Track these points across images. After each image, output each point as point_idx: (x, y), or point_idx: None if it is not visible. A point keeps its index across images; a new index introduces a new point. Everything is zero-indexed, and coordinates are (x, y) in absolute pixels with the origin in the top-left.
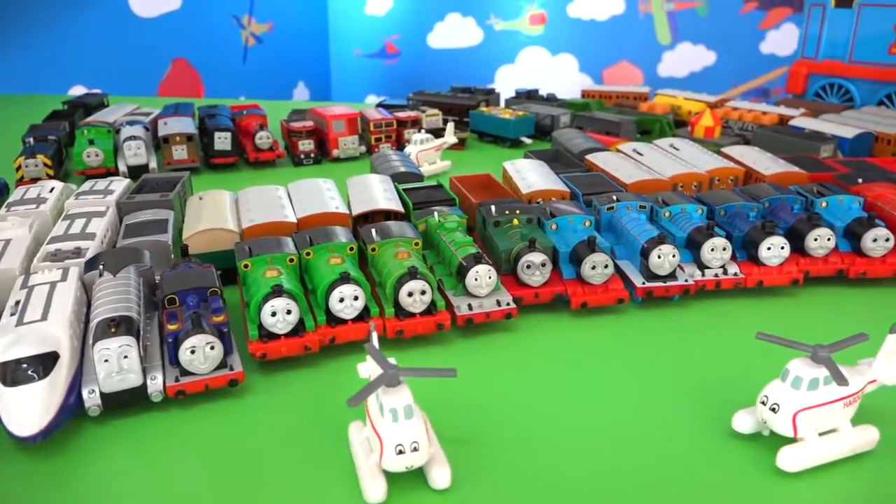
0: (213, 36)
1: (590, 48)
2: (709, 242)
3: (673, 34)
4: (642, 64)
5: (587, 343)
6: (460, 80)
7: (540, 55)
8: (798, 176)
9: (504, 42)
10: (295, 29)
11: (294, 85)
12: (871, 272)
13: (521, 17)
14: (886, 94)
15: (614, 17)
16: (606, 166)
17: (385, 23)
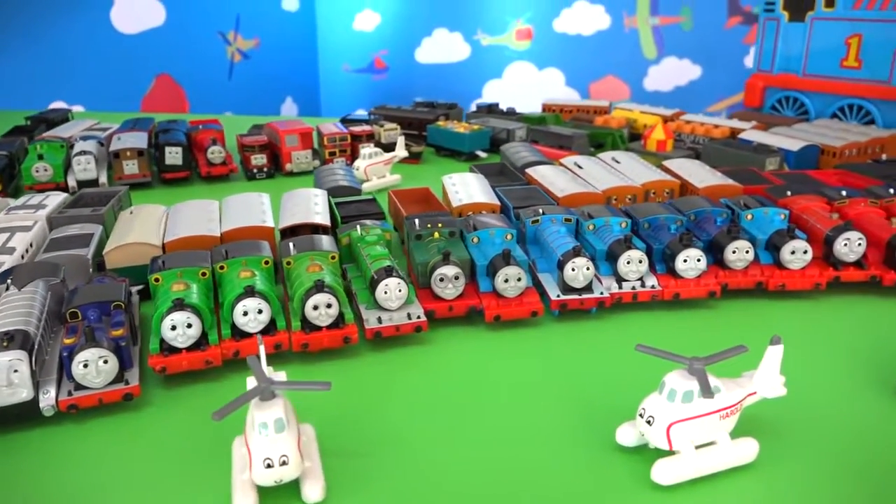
0: (197, 52)
1: (576, 63)
2: (625, 255)
3: (658, 49)
4: (628, 78)
5: (498, 356)
6: (448, 95)
7: (527, 70)
8: (731, 188)
9: (491, 57)
10: (282, 45)
11: (282, 100)
12: (790, 284)
13: (507, 33)
14: (839, 106)
15: (600, 32)
16: (544, 180)
17: (373, 38)
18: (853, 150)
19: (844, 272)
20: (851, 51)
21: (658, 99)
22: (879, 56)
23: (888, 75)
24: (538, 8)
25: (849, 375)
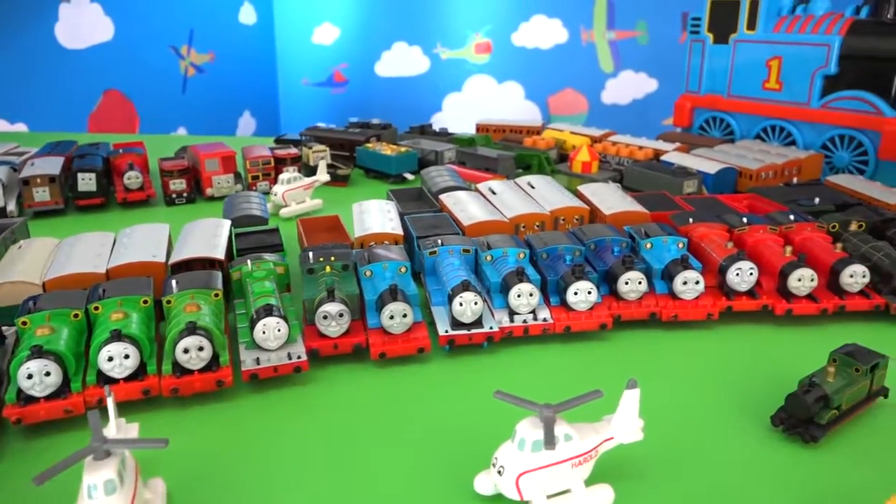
0: (148, 67)
1: (535, 76)
2: (515, 288)
3: (615, 62)
4: (587, 91)
5: (381, 397)
6: (408, 109)
7: (486, 83)
8: (639, 215)
9: (451, 71)
10: (239, 58)
11: (240, 114)
12: (682, 315)
13: (466, 46)
14: (763, 127)
15: (558, 46)
16: (454, 207)
17: (332, 52)
18: (770, 172)
19: (737, 302)
20: (772, 73)
21: (616, 112)
22: (798, 78)
23: (807, 97)
24: (497, 22)
25: (728, 409)
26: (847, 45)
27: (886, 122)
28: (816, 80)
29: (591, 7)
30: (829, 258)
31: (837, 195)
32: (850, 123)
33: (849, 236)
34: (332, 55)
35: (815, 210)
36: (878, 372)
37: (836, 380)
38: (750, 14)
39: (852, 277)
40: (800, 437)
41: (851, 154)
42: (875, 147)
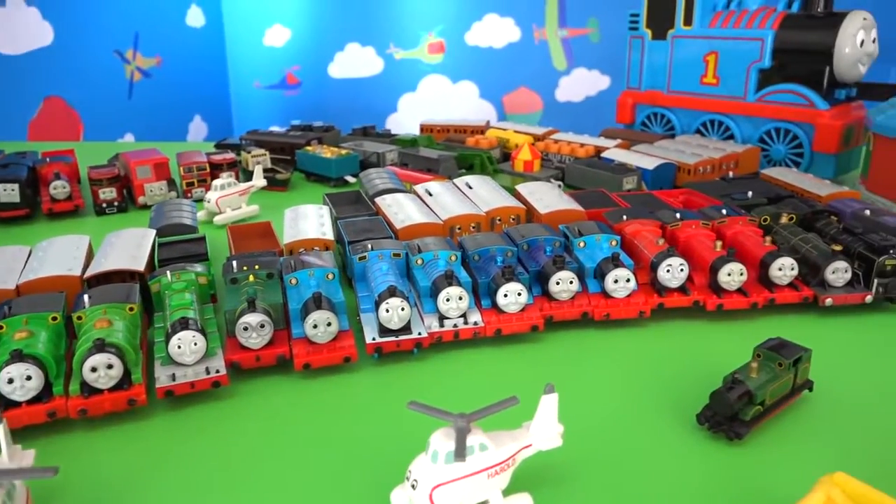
0: (91, 72)
1: (489, 75)
2: (444, 292)
3: (568, 60)
4: (540, 89)
5: (305, 409)
6: (363, 109)
7: (441, 83)
8: (574, 213)
9: (405, 71)
10: (188, 62)
11: (190, 119)
12: (615, 314)
13: (420, 46)
14: (702, 122)
15: (511, 45)
16: (389, 210)
17: (284, 53)
18: (707, 166)
19: (668, 298)
20: (709, 68)
21: (570, 109)
22: (734, 73)
23: (743, 91)
24: (449, 21)
25: (657, 408)
26: (780, 39)
27: (819, 115)
28: (752, 74)
29: (543, 5)
30: (760, 251)
31: (771, 188)
32: (785, 116)
33: (779, 229)
34: (283, 57)
35: (748, 204)
36: (801, 365)
37: (759, 375)
38: (686, 10)
39: (781, 270)
40: (724, 435)
41: (787, 147)
42: (809, 139)
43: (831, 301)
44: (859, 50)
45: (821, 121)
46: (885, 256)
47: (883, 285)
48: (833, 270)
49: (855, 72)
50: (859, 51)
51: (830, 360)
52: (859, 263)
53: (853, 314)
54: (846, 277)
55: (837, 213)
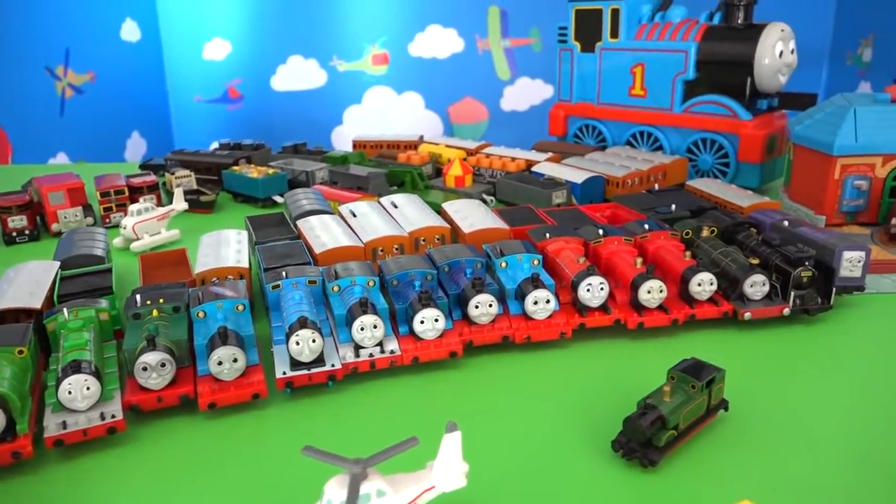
0: (19, 89)
1: (434, 86)
2: (358, 321)
3: (512, 70)
4: (485, 99)
5: (210, 452)
6: (307, 122)
7: (386, 94)
8: (499, 232)
9: (349, 83)
10: (124, 77)
11: (128, 136)
12: (535, 336)
13: (363, 58)
14: (632, 133)
15: (455, 55)
16: (310, 233)
17: (225, 67)
18: (635, 179)
19: (589, 318)
20: (637, 80)
21: (515, 118)
22: (661, 84)
23: (670, 103)
24: (392, 33)
25: (576, 434)
26: (703, 51)
27: (743, 125)
28: (677, 86)
29: (485, 16)
30: (680, 266)
31: (694, 200)
32: (710, 127)
33: (701, 242)
34: (224, 71)
35: (672, 217)
36: (715, 386)
37: (672, 399)
38: (612, 23)
39: (700, 286)
40: (639, 462)
41: (714, 157)
42: (735, 149)
43: (750, 315)
44: (778, 61)
45: (744, 131)
46: (801, 268)
47: (800, 297)
48: (751, 284)
49: (775, 82)
50: (779, 61)
51: (750, 375)
52: (777, 276)
53: (772, 327)
54: (764, 290)
55: (757, 224)
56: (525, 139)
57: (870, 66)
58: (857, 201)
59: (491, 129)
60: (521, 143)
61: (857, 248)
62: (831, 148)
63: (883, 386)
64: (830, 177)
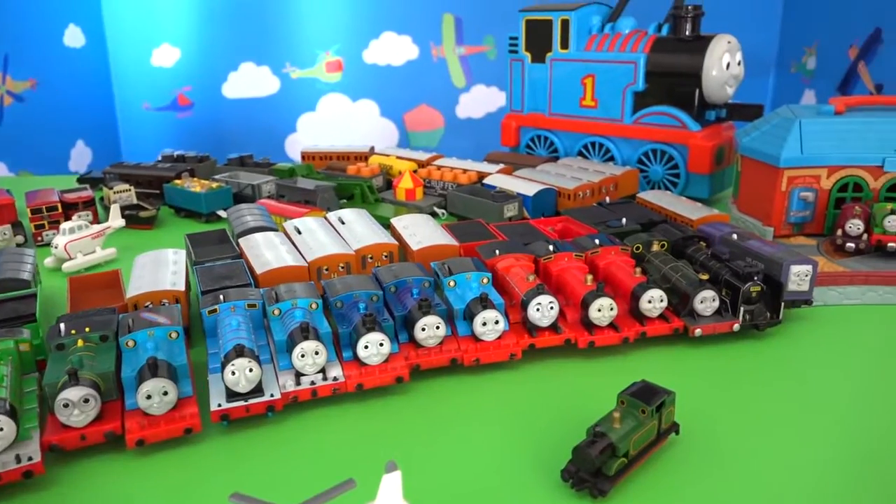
0: None
1: (389, 93)
2: (297, 347)
3: (467, 77)
4: (441, 107)
5: (137, 494)
6: (260, 130)
7: (340, 102)
8: (448, 248)
9: (303, 90)
10: (67, 84)
11: (72, 145)
12: (485, 358)
13: (317, 65)
14: (584, 144)
15: (410, 62)
16: (251, 252)
17: (174, 74)
18: (587, 191)
19: (539, 338)
20: (587, 91)
21: (471, 126)
22: (611, 95)
23: (620, 114)
24: (346, 40)
25: (525, 463)
26: (651, 62)
27: (692, 136)
28: (627, 97)
29: (440, 23)
30: (631, 283)
31: (645, 213)
32: (660, 138)
33: (651, 257)
34: (174, 77)
35: (623, 231)
36: (665, 410)
37: (622, 425)
38: (562, 33)
39: (650, 303)
40: (588, 492)
41: (664, 168)
42: (684, 160)
43: (700, 332)
44: (726, 72)
45: (693, 142)
46: (750, 283)
47: (749, 312)
48: (701, 300)
49: (723, 93)
50: (726, 73)
51: (701, 394)
52: (726, 291)
53: (723, 343)
54: (714, 306)
55: (707, 238)
56: (481, 146)
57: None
58: (804, 212)
59: (447, 136)
60: (478, 151)
61: (804, 262)
62: (778, 160)
63: (834, 398)
64: (777, 188)
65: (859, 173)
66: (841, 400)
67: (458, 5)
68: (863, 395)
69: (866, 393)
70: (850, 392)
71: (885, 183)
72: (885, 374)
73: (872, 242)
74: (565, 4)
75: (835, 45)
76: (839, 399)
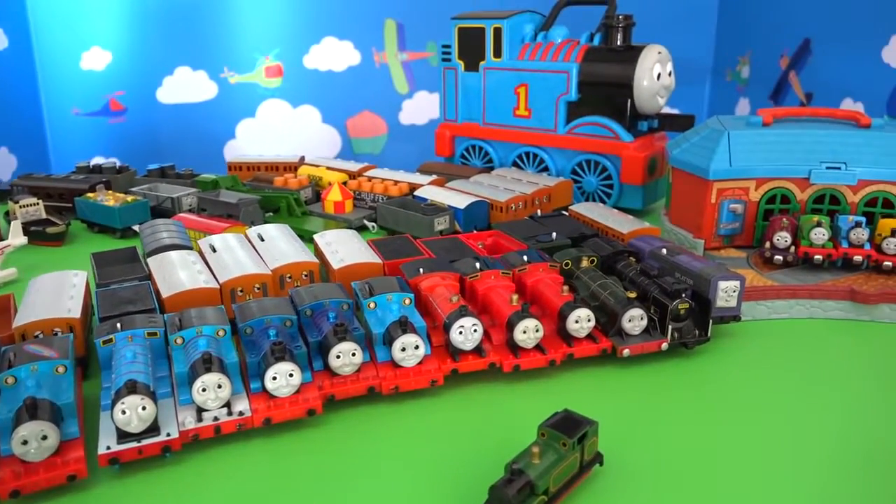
0: None
1: (331, 99)
2: (198, 381)
3: (410, 83)
4: (384, 113)
5: None
6: (198, 136)
7: (281, 108)
8: (371, 267)
9: (242, 95)
10: None
11: None
12: (404, 385)
13: (256, 70)
14: (518, 154)
15: (351, 68)
16: (159, 273)
17: (106, 78)
18: (519, 203)
19: (463, 363)
20: (521, 100)
21: (415, 132)
22: (544, 105)
23: (553, 124)
24: (286, 44)
25: (443, 499)
26: (584, 72)
27: (624, 147)
28: (560, 107)
29: (382, 29)
30: (558, 302)
31: (576, 227)
32: (593, 149)
33: (580, 273)
34: (105, 82)
35: (552, 246)
36: (588, 441)
37: (542, 460)
38: (495, 42)
39: (577, 323)
40: None
41: (598, 179)
42: (618, 171)
43: (628, 352)
44: (657, 83)
45: (626, 153)
46: (678, 300)
47: (678, 330)
48: (629, 319)
49: (654, 104)
50: (657, 84)
51: (629, 418)
52: (654, 308)
53: (652, 362)
54: (642, 325)
55: (637, 252)
56: (425, 153)
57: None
58: (734, 224)
59: (390, 143)
60: (422, 157)
61: (731, 278)
62: (707, 172)
63: (763, 416)
64: (707, 200)
65: (786, 185)
66: (771, 418)
67: (400, 11)
68: (792, 411)
69: (796, 409)
70: (780, 409)
71: (811, 195)
72: (813, 390)
73: (800, 255)
74: (498, 12)
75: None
76: (769, 417)
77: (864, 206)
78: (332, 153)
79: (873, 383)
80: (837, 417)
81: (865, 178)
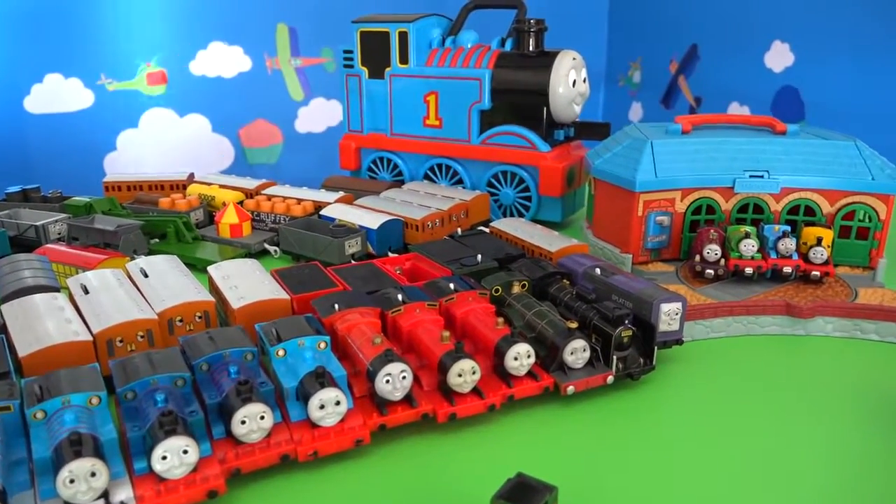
0: None
1: (221, 107)
2: (64, 470)
3: (305, 90)
4: (278, 121)
5: None
6: (74, 149)
7: (167, 117)
8: (278, 304)
9: (122, 104)
10: None
11: None
12: (324, 449)
13: (137, 77)
14: (430, 166)
15: (242, 74)
16: (15, 324)
17: None
18: (436, 220)
19: (392, 416)
20: (431, 109)
21: (312, 140)
22: (456, 114)
23: (467, 134)
24: (169, 49)
25: None
26: (496, 79)
27: (541, 157)
28: (473, 116)
29: (273, 34)
30: (494, 336)
31: (501, 246)
32: (509, 159)
33: (512, 301)
34: None
35: (478, 270)
36: None
37: None
38: (401, 47)
39: (517, 360)
40: None
41: (515, 191)
42: (535, 182)
43: (573, 389)
44: (572, 90)
45: (544, 163)
46: (621, 328)
47: (622, 360)
48: (571, 351)
49: (570, 111)
50: (573, 91)
51: (579, 460)
52: (596, 337)
53: (597, 396)
54: (585, 357)
55: (569, 273)
56: (324, 162)
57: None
58: (661, 237)
59: (286, 152)
60: (321, 166)
61: (673, 299)
62: (633, 184)
63: (716, 440)
64: (634, 213)
65: (711, 195)
66: (722, 440)
67: (292, 15)
68: (742, 431)
69: (746, 429)
70: (730, 430)
71: (736, 204)
72: (759, 407)
73: (730, 268)
74: (402, 16)
75: (657, 60)
76: (720, 440)
77: (787, 214)
78: (224, 164)
79: (816, 397)
80: (788, 434)
81: (788, 185)
